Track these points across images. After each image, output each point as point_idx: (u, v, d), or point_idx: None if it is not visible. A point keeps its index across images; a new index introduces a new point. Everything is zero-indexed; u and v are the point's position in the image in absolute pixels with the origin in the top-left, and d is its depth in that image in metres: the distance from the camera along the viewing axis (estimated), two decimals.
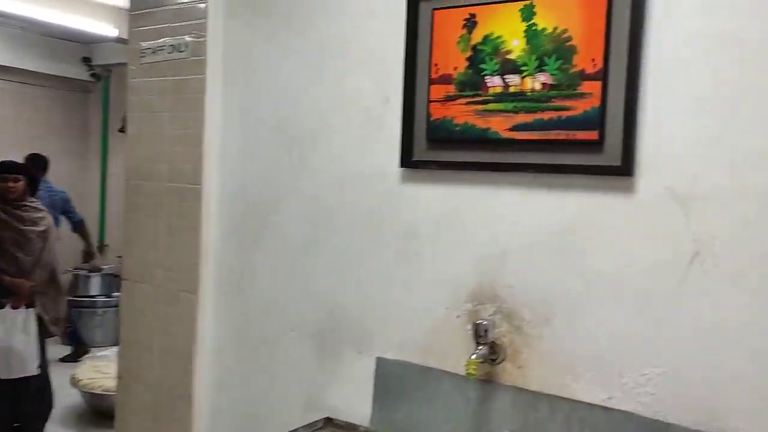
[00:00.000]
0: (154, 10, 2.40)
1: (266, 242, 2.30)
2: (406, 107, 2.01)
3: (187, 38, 2.34)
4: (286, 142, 2.26)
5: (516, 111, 1.86)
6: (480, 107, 1.92)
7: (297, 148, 2.23)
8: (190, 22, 2.33)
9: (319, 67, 2.17)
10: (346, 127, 2.11)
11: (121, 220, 2.55)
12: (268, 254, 2.30)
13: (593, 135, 1.74)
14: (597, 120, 1.73)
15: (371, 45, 2.08)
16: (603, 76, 1.73)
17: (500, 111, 1.89)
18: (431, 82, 1.98)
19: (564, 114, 1.79)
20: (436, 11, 1.96)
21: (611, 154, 1.71)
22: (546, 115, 1.82)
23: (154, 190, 2.45)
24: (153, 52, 2.49)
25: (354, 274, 2.10)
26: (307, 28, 2.15)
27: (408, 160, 2.01)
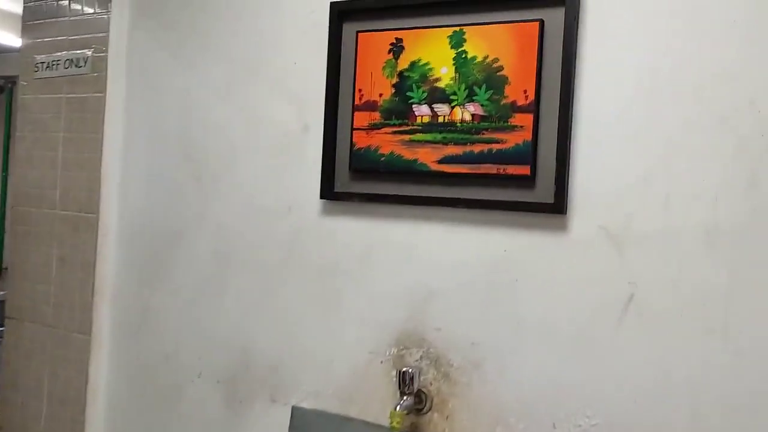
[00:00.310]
0: (50, 20, 2.18)
1: (169, 278, 2.06)
2: (327, 135, 1.84)
3: (87, 52, 2.14)
4: (193, 169, 2.04)
5: (445, 142, 1.72)
6: (407, 137, 1.76)
7: (206, 175, 2.01)
8: (90, 35, 2.13)
9: (231, 88, 1.98)
10: (261, 154, 1.92)
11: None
12: (171, 291, 2.05)
13: (525, 170, 1.63)
14: (529, 154, 1.61)
15: (289, 66, 1.91)
16: (535, 108, 1.62)
17: (428, 142, 1.74)
18: (355, 108, 1.82)
19: (495, 147, 1.67)
20: (360, 34, 1.78)
21: (544, 191, 1.60)
22: (476, 148, 1.69)
23: (44, 219, 2.22)
24: (48, 67, 2.24)
25: (267, 314, 1.89)
26: (218, 44, 1.97)
27: (329, 191, 1.84)
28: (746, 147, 1.36)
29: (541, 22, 1.59)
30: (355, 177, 1.83)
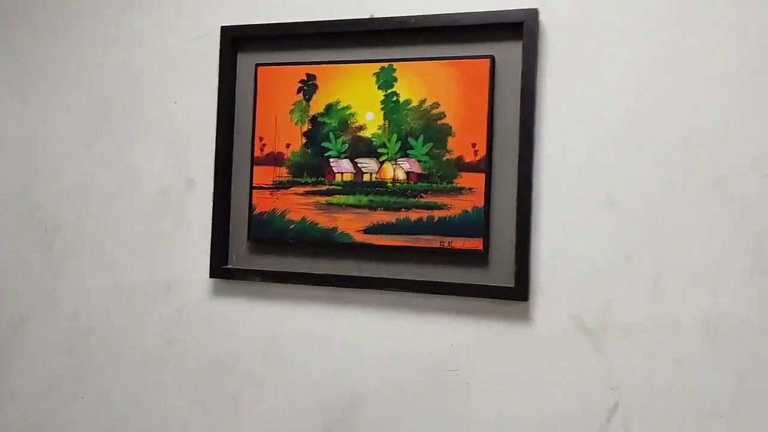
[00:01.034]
0: None
1: (7, 378, 1.65)
2: (218, 194, 1.53)
3: None
4: (41, 236, 1.67)
5: (373, 207, 1.44)
6: (323, 200, 1.48)
7: (58, 245, 1.65)
8: None
9: (92, 133, 1.64)
10: (131, 218, 1.60)
11: None
12: (9, 395, 1.64)
13: (476, 244, 1.36)
14: (481, 224, 1.35)
15: (169, 107, 1.60)
16: (486, 166, 1.37)
17: (351, 206, 1.46)
18: (255, 162, 1.51)
19: (437, 214, 1.40)
20: (261, 68, 1.51)
21: (500, 271, 1.35)
22: (413, 215, 1.42)
23: None
24: None
25: (135, 424, 1.54)
26: (76, 78, 1.64)
27: (221, 268, 1.54)
28: (750, 216, 1.15)
29: (492, 60, 1.36)
30: (255, 249, 1.54)
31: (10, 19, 1.62)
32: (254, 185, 1.51)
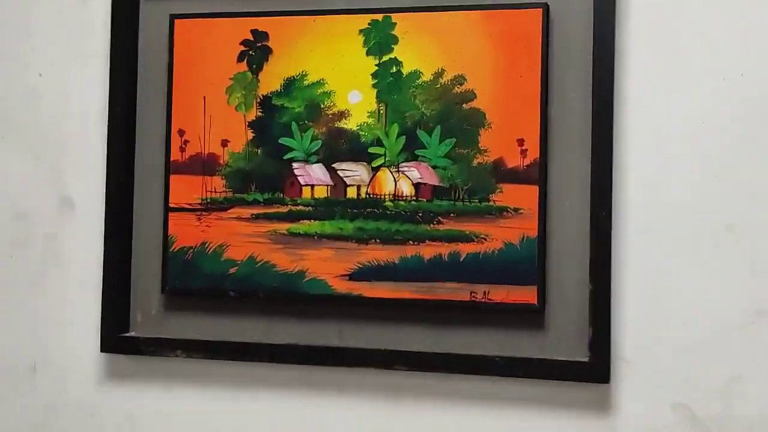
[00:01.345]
0: None
1: None
2: (111, 221, 1.34)
3: None
4: None
5: (362, 239, 1.26)
6: (283, 227, 1.29)
7: None
8: None
9: None
10: None
11: None
12: None
13: (527, 295, 1.20)
14: (533, 266, 1.19)
15: (31, 82, 1.42)
16: (541, 175, 1.20)
17: (329, 238, 1.28)
18: (171, 169, 1.32)
19: (465, 249, 1.23)
20: (178, 21, 1.33)
21: (565, 337, 1.20)
22: (428, 250, 1.24)
23: None
24: None
25: None
26: None
27: (118, 338, 1.33)
28: None
29: (546, 10, 1.20)
30: (174, 306, 1.34)
31: None
32: (171, 205, 1.33)
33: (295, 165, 1.31)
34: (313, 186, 1.30)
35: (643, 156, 1.21)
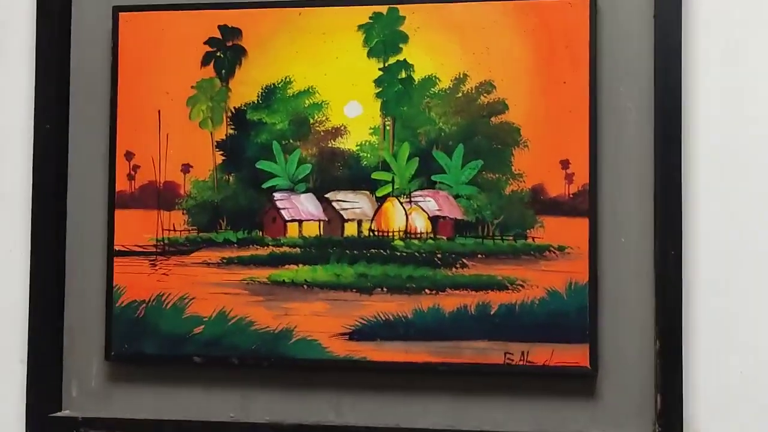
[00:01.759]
0: None
1: None
2: (37, 265, 1.21)
3: None
4: None
5: (365, 288, 1.13)
6: (263, 274, 1.16)
7: None
8: None
9: None
10: None
11: None
12: None
13: (576, 356, 1.07)
14: (584, 320, 1.08)
15: None
16: (591, 205, 1.09)
17: (322, 287, 1.15)
18: (117, 202, 1.20)
19: (498, 299, 1.11)
20: (124, 15, 1.20)
21: (623, 408, 1.09)
22: (450, 302, 1.12)
23: None
24: None
25: None
26: None
27: (48, 418, 1.20)
28: None
29: (593, 1, 1.09)
30: (120, 377, 1.21)
31: None
32: (116, 248, 1.21)
33: (277, 195, 1.18)
34: (300, 222, 1.17)
35: (717, 181, 1.10)
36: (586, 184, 1.09)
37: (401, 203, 1.14)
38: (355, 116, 1.16)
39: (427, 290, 1.13)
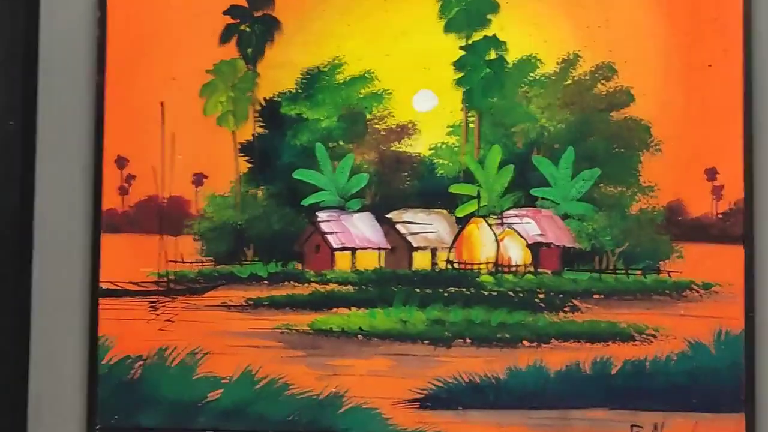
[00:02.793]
0: None
1: None
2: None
3: None
4: None
5: (443, 339, 1.02)
6: (304, 320, 1.05)
7: None
8: None
9: None
10: None
11: None
12: None
13: (728, 428, 1.00)
14: (737, 379, 0.99)
15: None
16: (747, 227, 1.00)
17: (384, 336, 1.03)
18: (104, 224, 1.10)
19: (620, 353, 1.00)
20: None
21: None
22: (555, 357, 1.03)
23: None
24: None
25: None
26: None
27: None
28: None
29: None
30: None
31: None
32: (103, 286, 1.09)
33: (322, 216, 1.07)
34: (354, 250, 1.07)
35: None
36: (741, 201, 1.00)
37: (490, 226, 1.06)
38: (427, 110, 1.07)
39: (525, 342, 1.03)
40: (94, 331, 1.08)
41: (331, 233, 1.01)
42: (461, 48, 1.04)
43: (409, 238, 1.01)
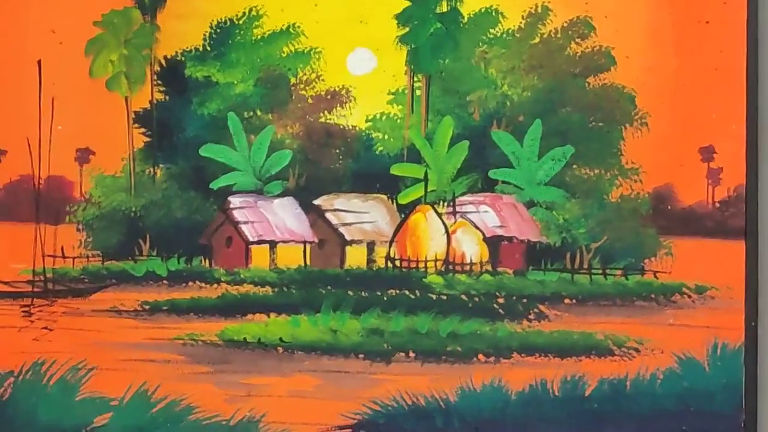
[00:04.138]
0: None
1: None
2: None
3: None
4: None
5: (382, 353, 0.96)
6: (213, 328, 0.96)
7: None
8: None
9: None
10: None
11: None
12: None
13: None
14: (735, 403, 0.92)
15: None
16: (750, 223, 0.91)
17: (310, 348, 0.93)
18: None
19: (596, 371, 0.95)
20: None
21: None
22: (517, 375, 0.98)
23: None
24: None
25: None
26: None
27: None
28: None
29: None
30: None
31: None
32: None
33: (235, 201, 0.96)
34: (273, 244, 0.96)
35: None
36: (742, 187, 0.90)
37: (440, 215, 0.96)
38: (364, 73, 0.96)
39: (481, 356, 0.92)
40: None
41: (246, 223, 0.90)
42: None
43: (341, 229, 0.91)
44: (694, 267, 0.87)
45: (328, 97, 0.89)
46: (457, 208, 0.88)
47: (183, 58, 0.91)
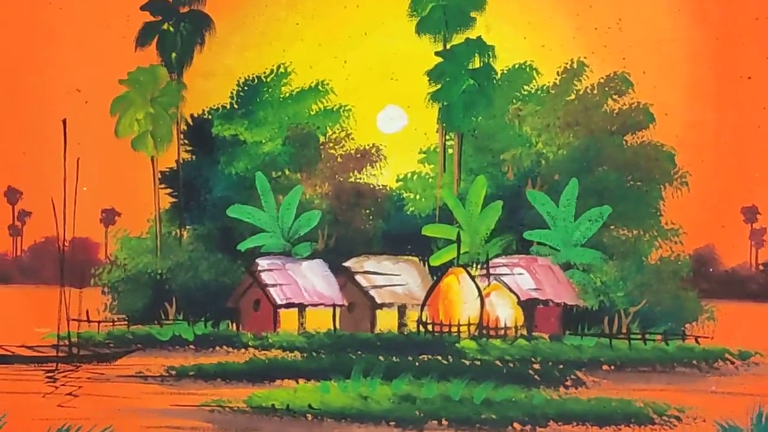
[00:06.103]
0: None
1: None
2: None
3: None
4: None
5: (414, 420, 1.07)
6: (240, 394, 1.19)
7: None
8: None
9: None
10: None
11: None
12: None
13: None
14: None
15: None
16: None
17: (340, 416, 1.11)
18: None
19: None
20: None
21: None
22: None
23: None
24: None
25: None
26: None
27: None
28: None
29: None
30: None
31: None
32: None
33: (263, 263, 0.86)
34: (302, 307, 0.86)
35: None
36: None
37: (473, 278, 0.97)
38: (395, 131, 1.01)
39: (516, 424, 0.95)
40: None
41: (274, 286, 0.92)
42: (437, 54, 0.95)
43: (371, 292, 0.92)
44: (737, 332, 0.87)
45: (358, 155, 0.91)
46: (491, 271, 0.89)
47: (210, 117, 0.92)
